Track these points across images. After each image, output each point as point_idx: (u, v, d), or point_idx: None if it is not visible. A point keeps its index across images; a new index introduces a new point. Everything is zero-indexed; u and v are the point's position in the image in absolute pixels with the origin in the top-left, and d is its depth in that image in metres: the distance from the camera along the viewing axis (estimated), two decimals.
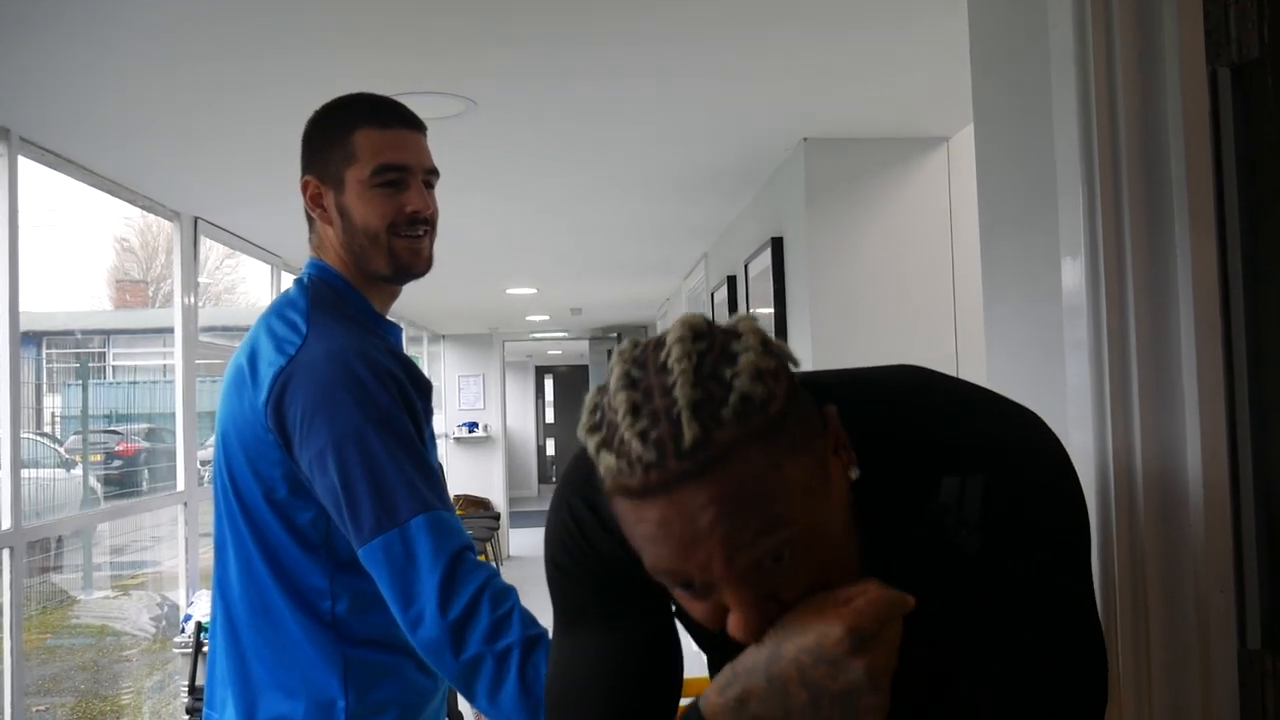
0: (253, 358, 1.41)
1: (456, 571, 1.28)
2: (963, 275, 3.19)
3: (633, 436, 0.73)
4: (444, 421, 10.63)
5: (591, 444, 0.76)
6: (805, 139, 3.15)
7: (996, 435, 0.91)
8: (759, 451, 0.73)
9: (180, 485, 3.92)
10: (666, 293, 7.62)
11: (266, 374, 1.37)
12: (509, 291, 6.95)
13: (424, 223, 1.54)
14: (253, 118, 2.77)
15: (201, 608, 3.38)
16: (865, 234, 3.20)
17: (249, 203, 3.86)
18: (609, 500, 0.78)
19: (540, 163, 3.39)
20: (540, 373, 19.03)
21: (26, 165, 2.86)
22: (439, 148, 3.05)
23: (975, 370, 1.83)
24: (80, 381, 10.71)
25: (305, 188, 1.54)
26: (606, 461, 0.75)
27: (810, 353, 3.14)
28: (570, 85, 2.60)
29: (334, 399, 1.32)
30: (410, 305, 7.69)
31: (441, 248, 2.28)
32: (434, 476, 1.36)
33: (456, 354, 10.69)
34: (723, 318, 0.83)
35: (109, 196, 3.43)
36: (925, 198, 3.22)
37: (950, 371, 1.17)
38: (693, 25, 2.22)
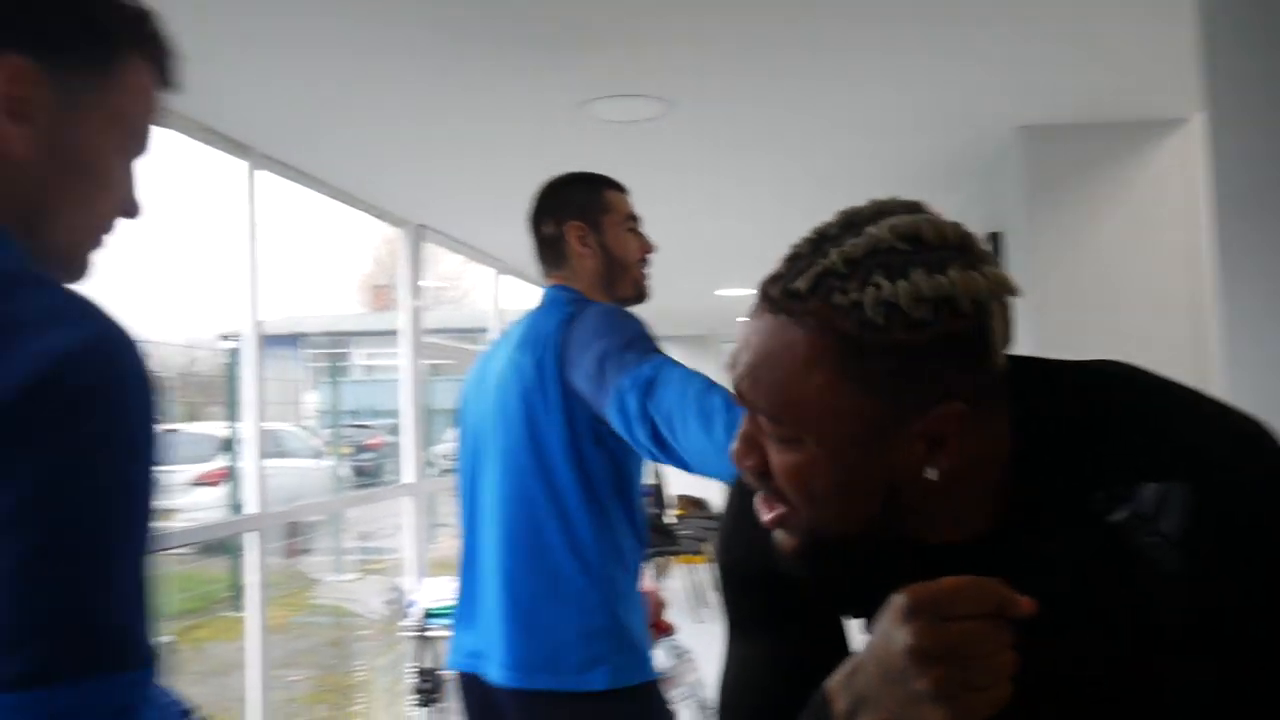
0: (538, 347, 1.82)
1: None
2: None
3: (791, 249, 0.78)
4: None
5: (785, 256, 0.80)
6: (1021, 127, 2.98)
7: (1210, 441, 0.80)
8: (822, 347, 0.73)
9: (409, 477, 4.14)
10: None
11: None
12: (718, 293, 6.97)
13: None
14: (472, 127, 2.89)
15: (427, 593, 3.56)
16: (1096, 226, 2.99)
17: (471, 210, 4.05)
18: None
19: (741, 161, 3.37)
20: None
21: (274, 180, 3.12)
22: (638, 150, 3.12)
23: (1238, 378, 1.64)
24: (332, 379, 11.59)
25: (569, 230, 1.95)
26: (779, 268, 0.79)
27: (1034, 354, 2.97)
28: (769, 81, 2.56)
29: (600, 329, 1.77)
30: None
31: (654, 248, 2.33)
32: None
33: (673, 355, 10.76)
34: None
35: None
36: (1164, 185, 2.98)
37: (1210, 380, 1.03)
38: (897, 7, 2.14)
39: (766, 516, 0.81)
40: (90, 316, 0.76)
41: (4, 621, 0.70)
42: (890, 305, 0.71)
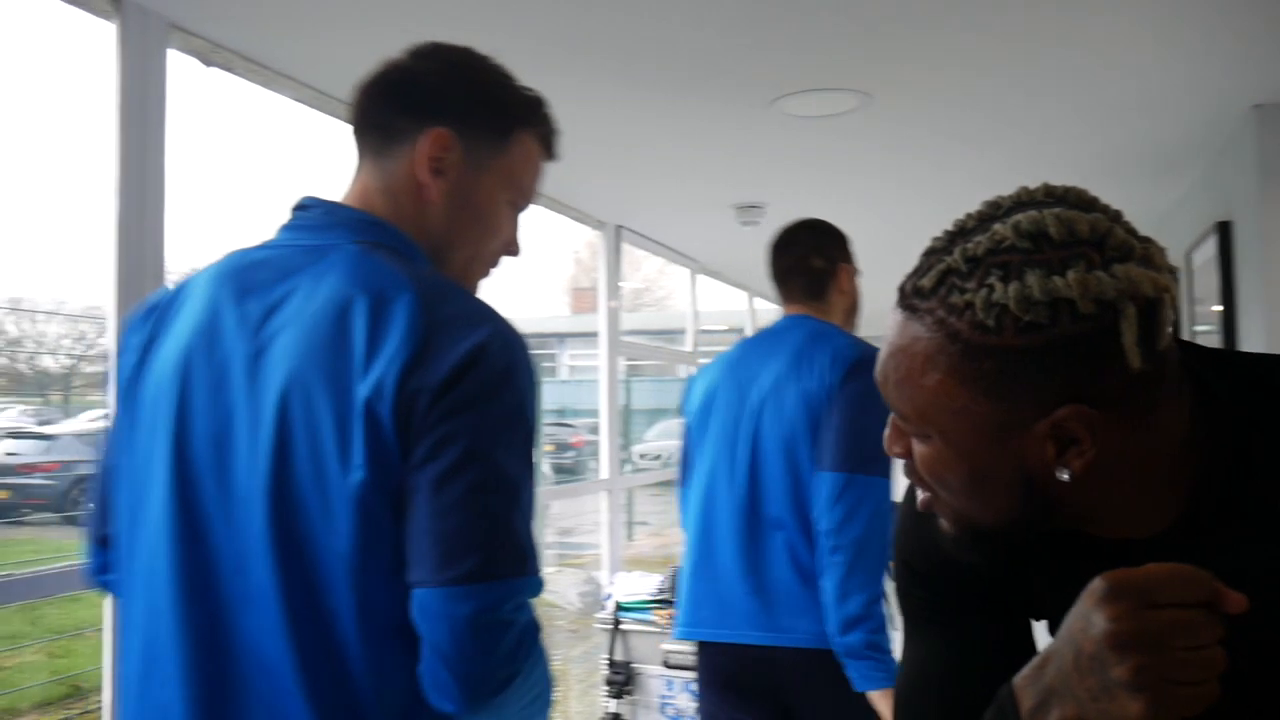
0: None
1: None
2: None
3: (932, 242, 0.81)
4: None
5: (923, 255, 0.83)
6: (1255, 106, 2.74)
7: None
8: (938, 346, 0.73)
9: (604, 474, 4.23)
10: None
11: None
12: None
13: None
14: (667, 128, 2.92)
15: (621, 587, 3.63)
16: None
17: (667, 210, 4.09)
18: None
19: (941, 153, 3.25)
20: None
21: None
22: (833, 144, 3.07)
23: None
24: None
25: (843, 270, 2.16)
26: (919, 264, 0.81)
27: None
28: (972, 68, 2.46)
29: None
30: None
31: (854, 245, 2.29)
32: None
33: None
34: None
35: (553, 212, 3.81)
36: None
37: None
38: None
39: (920, 499, 0.83)
40: (495, 319, 1.05)
41: (457, 537, 0.97)
42: (1001, 308, 0.70)
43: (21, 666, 5.74)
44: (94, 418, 8.77)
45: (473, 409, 0.99)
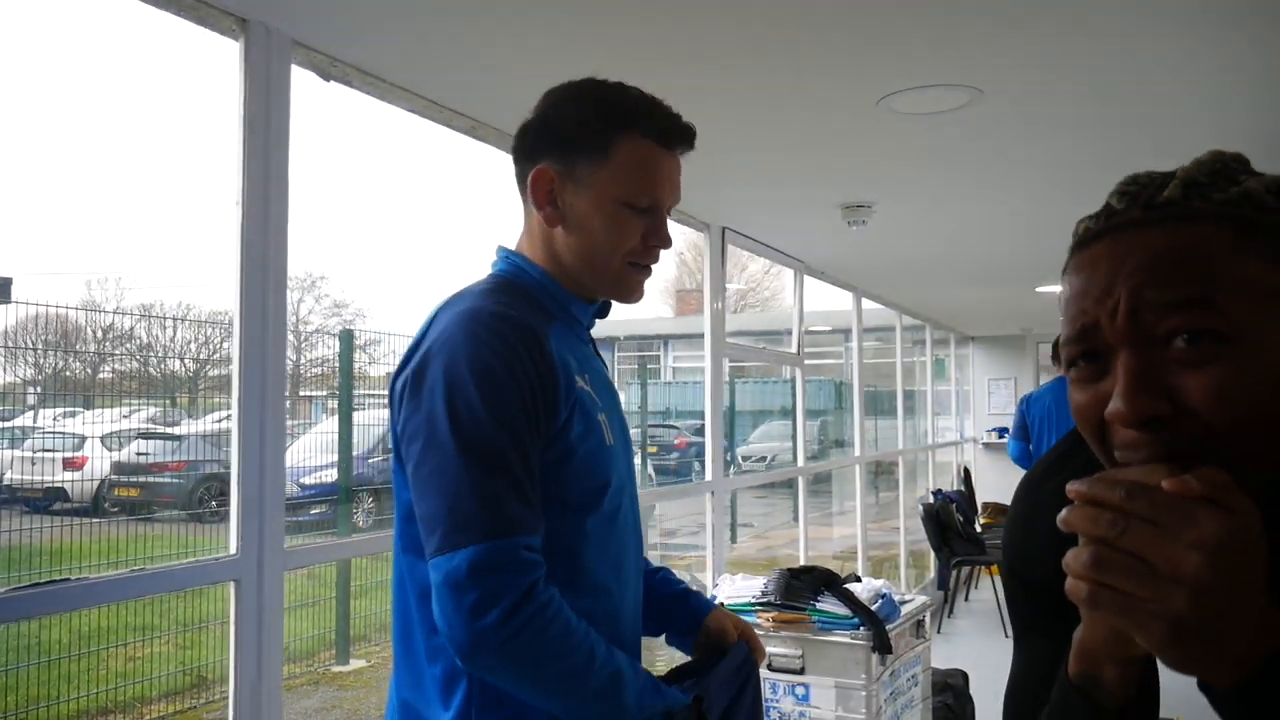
0: None
1: None
2: None
3: (1114, 194, 0.74)
4: (973, 426, 10.32)
5: (1079, 230, 0.77)
6: None
7: None
8: (1230, 234, 0.68)
9: (708, 475, 4.23)
10: None
11: None
12: (1039, 290, 6.57)
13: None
14: (771, 129, 2.91)
15: (725, 589, 3.63)
16: None
17: (772, 211, 4.07)
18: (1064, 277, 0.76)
19: (1053, 148, 3.16)
20: None
21: None
22: (942, 141, 3.01)
23: None
24: (640, 381, 12.07)
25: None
26: (1083, 224, 0.76)
27: None
28: (1094, 57, 2.39)
29: None
30: (936, 307, 7.59)
31: (964, 244, 2.24)
32: None
33: (986, 357, 10.33)
34: None
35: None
36: None
37: None
38: None
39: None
40: (441, 340, 1.33)
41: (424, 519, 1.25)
42: (1275, 186, 0.71)
43: (151, 657, 6.00)
44: (218, 419, 9.13)
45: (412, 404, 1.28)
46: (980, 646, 6.36)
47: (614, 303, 1.51)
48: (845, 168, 3.39)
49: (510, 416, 1.24)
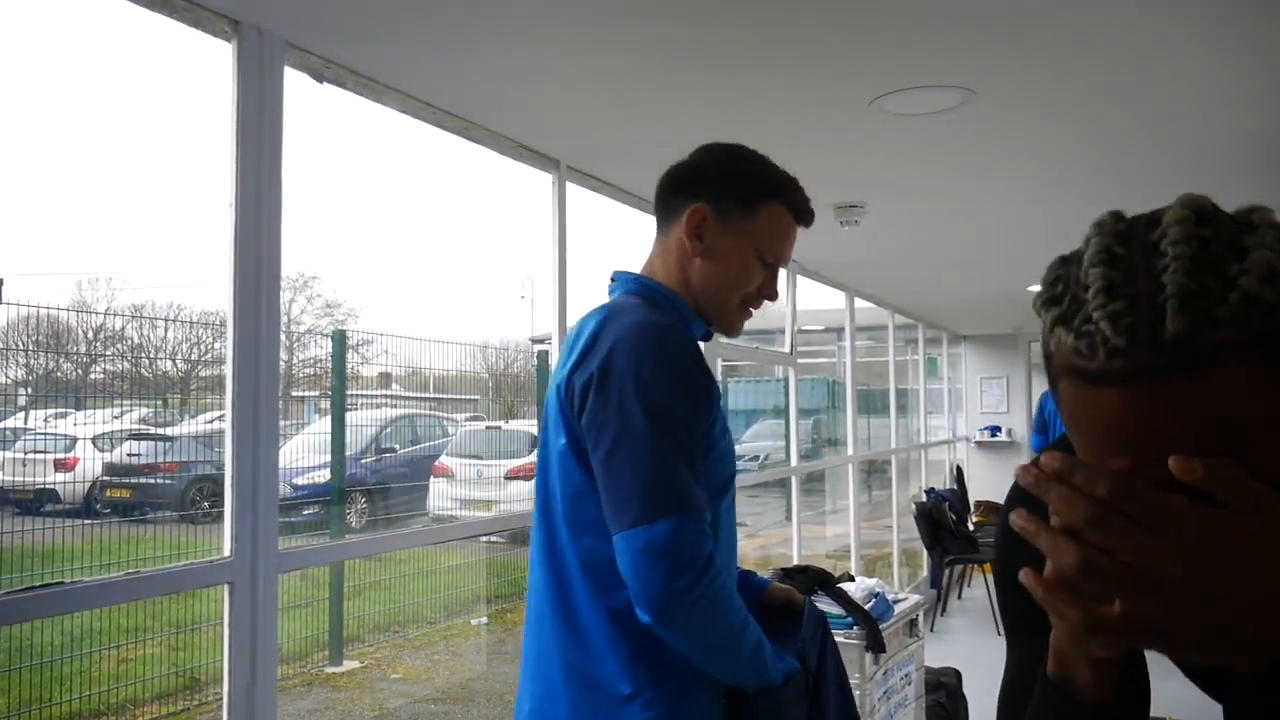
0: None
1: None
2: None
3: (1102, 317, 0.65)
4: (965, 424, 10.34)
5: (1048, 318, 0.69)
6: None
7: None
8: (1254, 366, 0.62)
9: None
10: None
11: None
12: (1030, 289, 6.58)
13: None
14: (765, 130, 2.91)
15: None
16: None
17: None
18: (1055, 386, 0.71)
19: (1046, 150, 3.17)
20: None
21: (579, 191, 3.30)
22: (935, 142, 3.02)
23: None
24: None
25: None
26: (1063, 339, 0.67)
27: None
28: (1077, 62, 2.39)
29: None
30: (929, 306, 7.61)
31: (956, 244, 2.26)
32: None
33: (978, 356, 10.36)
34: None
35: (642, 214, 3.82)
36: None
37: None
38: None
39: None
40: (620, 336, 1.53)
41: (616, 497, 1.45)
42: (1271, 274, 0.63)
43: (143, 659, 5.99)
44: (210, 419, 9.11)
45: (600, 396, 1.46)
46: (973, 645, 6.38)
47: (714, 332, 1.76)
48: (838, 168, 3.40)
49: (687, 410, 1.48)
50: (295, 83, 2.11)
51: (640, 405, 1.44)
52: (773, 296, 1.73)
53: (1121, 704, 0.74)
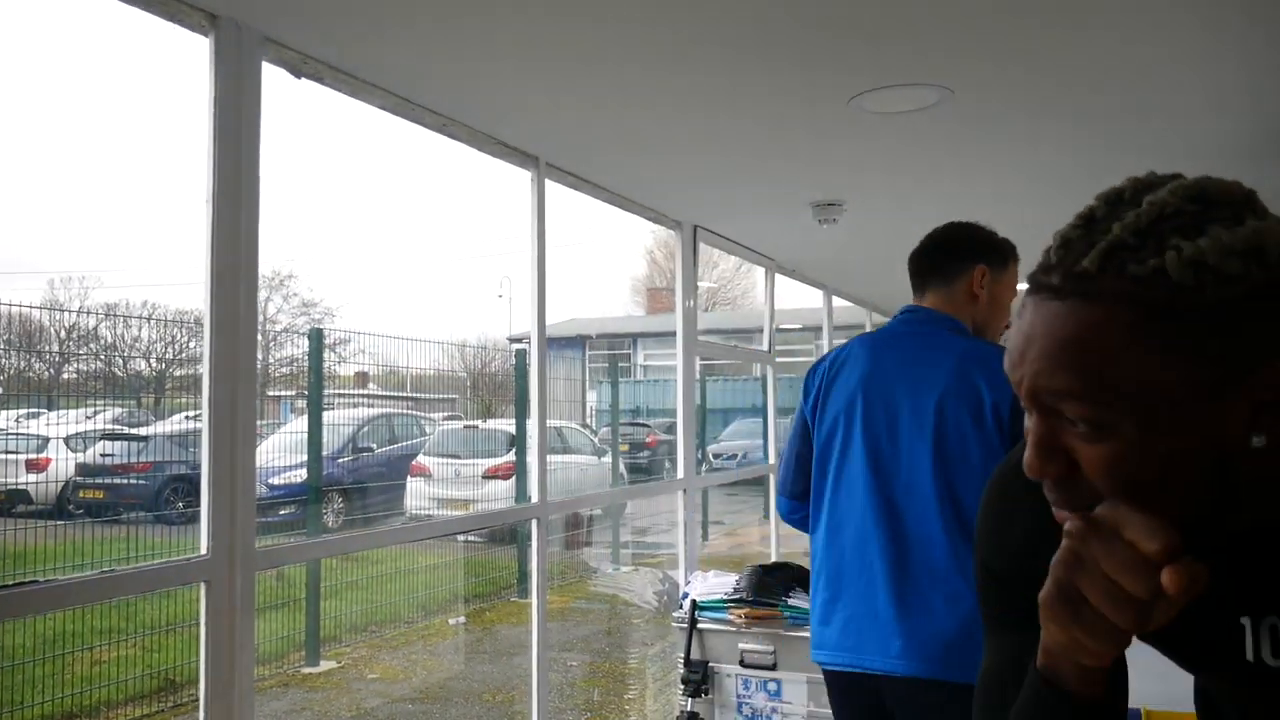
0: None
1: None
2: None
3: (1059, 237, 0.76)
4: None
5: (1055, 239, 0.78)
6: None
7: None
8: (1128, 321, 0.70)
9: (680, 473, 4.24)
10: None
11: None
12: None
13: None
14: (743, 128, 2.92)
15: (697, 586, 3.64)
16: None
17: (743, 209, 4.08)
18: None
19: (1024, 148, 3.19)
20: None
21: (558, 189, 3.29)
22: (913, 141, 3.03)
23: None
24: (610, 379, 12.07)
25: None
26: (1049, 247, 0.77)
27: None
28: (1054, 61, 2.41)
29: None
30: (905, 304, 7.61)
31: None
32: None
33: None
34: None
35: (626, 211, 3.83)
36: None
37: None
38: None
39: (1072, 524, 0.74)
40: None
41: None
42: (1198, 264, 0.68)
43: (118, 660, 5.94)
44: (184, 419, 9.04)
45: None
46: None
47: None
48: (816, 166, 3.41)
49: None
50: (273, 78, 2.10)
51: (1011, 411, 2.09)
52: (1010, 325, 2.07)
53: (1109, 698, 0.76)
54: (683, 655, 3.48)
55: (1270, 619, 0.80)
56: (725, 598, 3.48)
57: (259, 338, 2.14)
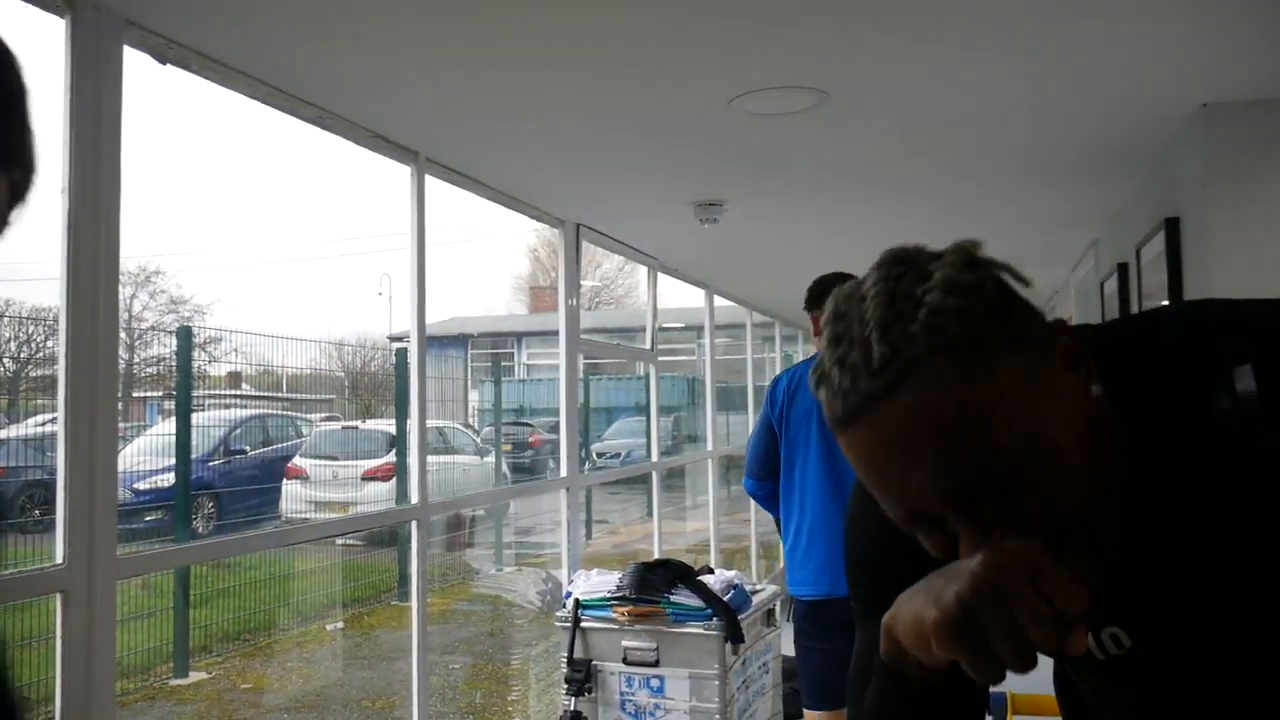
0: None
1: None
2: None
3: (832, 365, 0.74)
4: None
5: (812, 384, 0.77)
6: (1204, 105, 2.80)
7: (1261, 316, 0.82)
8: (953, 366, 0.70)
9: (563, 472, 4.23)
10: (1054, 286, 7.11)
11: None
12: None
13: None
14: (625, 127, 2.93)
15: (580, 585, 3.63)
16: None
17: (626, 208, 4.09)
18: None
19: (902, 151, 3.29)
20: None
21: (439, 185, 3.24)
22: (791, 142, 3.09)
23: None
24: (493, 379, 11.97)
25: None
26: (823, 398, 0.75)
27: None
28: (927, 66, 2.49)
29: None
30: (786, 304, 7.78)
31: (812, 242, 2.33)
32: None
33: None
34: (1112, 311, 0.81)
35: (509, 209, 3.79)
36: None
37: None
38: None
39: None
40: None
41: None
42: (951, 288, 0.72)
43: None
44: (41, 422, 8.58)
45: None
46: None
47: None
48: (698, 166, 3.45)
49: None
50: (136, 64, 2.00)
51: None
52: None
53: (951, 684, 0.78)
54: (566, 654, 3.47)
55: (1110, 629, 0.87)
56: (608, 596, 3.48)
57: (122, 336, 2.04)
